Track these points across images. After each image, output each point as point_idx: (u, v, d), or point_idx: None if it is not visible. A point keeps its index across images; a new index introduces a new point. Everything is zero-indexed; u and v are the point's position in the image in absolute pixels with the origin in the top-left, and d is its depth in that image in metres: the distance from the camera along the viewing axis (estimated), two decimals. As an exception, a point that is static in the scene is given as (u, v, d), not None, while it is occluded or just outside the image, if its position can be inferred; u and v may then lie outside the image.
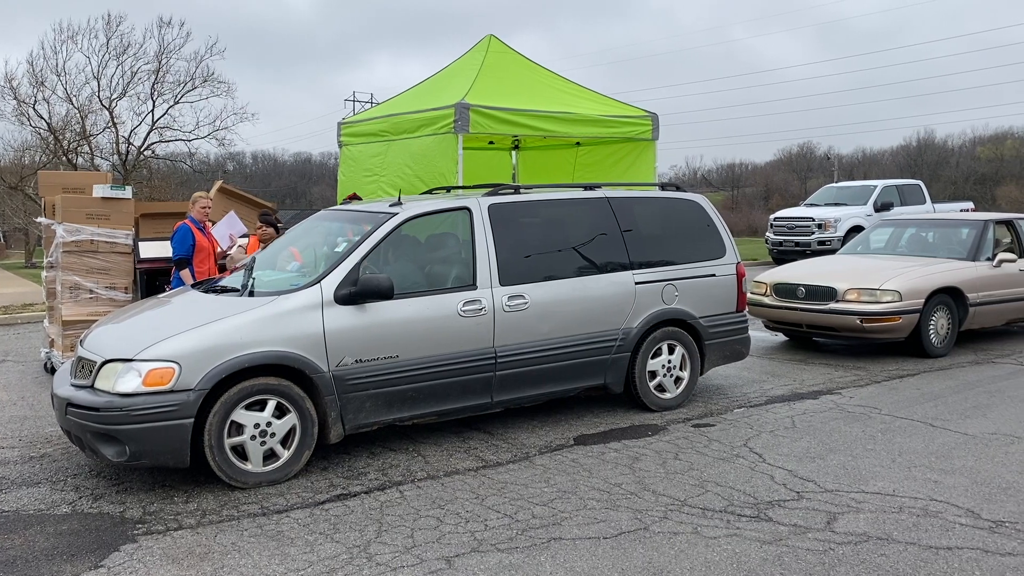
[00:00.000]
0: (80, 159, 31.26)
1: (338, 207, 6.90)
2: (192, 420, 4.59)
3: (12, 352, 9.83)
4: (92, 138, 31.51)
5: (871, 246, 10.40)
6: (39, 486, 4.94)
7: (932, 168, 65.13)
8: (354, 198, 8.78)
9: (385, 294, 5.11)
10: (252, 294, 5.27)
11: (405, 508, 4.47)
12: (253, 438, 4.78)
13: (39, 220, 9.35)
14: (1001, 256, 8.97)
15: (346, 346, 5.03)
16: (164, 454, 4.61)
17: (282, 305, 4.96)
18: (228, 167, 54.95)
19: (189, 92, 32.69)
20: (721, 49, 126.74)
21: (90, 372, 4.78)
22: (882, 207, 19.08)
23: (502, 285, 5.66)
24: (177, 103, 32.93)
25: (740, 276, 6.87)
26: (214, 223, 8.31)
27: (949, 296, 8.47)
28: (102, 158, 32.27)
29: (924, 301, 8.21)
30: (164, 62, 32.04)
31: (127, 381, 4.57)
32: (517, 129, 9.63)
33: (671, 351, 6.45)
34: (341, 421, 5.06)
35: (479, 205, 5.83)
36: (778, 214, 21.25)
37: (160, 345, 4.66)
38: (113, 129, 31.81)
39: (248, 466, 4.79)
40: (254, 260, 6.05)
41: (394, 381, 5.20)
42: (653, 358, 6.35)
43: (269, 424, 4.82)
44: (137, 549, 3.99)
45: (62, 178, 9.75)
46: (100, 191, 8.07)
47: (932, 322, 8.34)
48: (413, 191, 8.67)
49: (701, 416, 6.27)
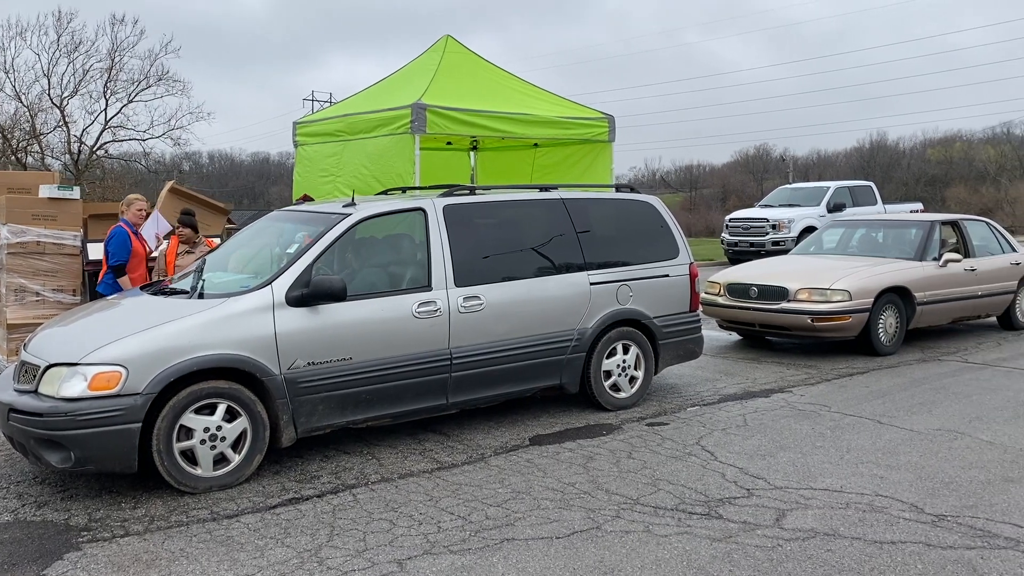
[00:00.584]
0: (30, 158, 30.57)
1: (290, 208, 6.83)
2: (140, 425, 4.51)
3: (-45, 356, 9.56)
4: (42, 137, 30.83)
5: (823, 246, 10.60)
6: (-20, 494, 4.82)
7: (884, 169, 66.47)
8: (306, 199, 8.70)
9: (338, 296, 5.07)
10: (202, 296, 5.19)
11: (358, 511, 4.44)
12: (203, 442, 4.71)
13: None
14: (947, 256, 9.18)
15: (298, 348, 4.98)
16: (111, 460, 4.52)
17: (232, 307, 4.89)
18: (184, 167, 54.13)
19: (143, 91, 32.18)
20: (676, 52, 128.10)
21: (33, 376, 4.67)
22: (835, 208, 19.44)
23: (457, 286, 5.65)
24: (131, 102, 32.41)
25: (693, 276, 6.94)
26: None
27: (897, 295, 8.65)
28: (53, 157, 31.61)
29: (873, 300, 8.37)
30: (117, 60, 31.53)
31: (72, 385, 4.47)
32: (475, 130, 9.64)
33: (626, 351, 6.50)
34: (293, 424, 5.01)
35: (434, 206, 5.81)
36: (733, 215, 21.54)
37: (107, 348, 4.57)
38: (64, 128, 31.18)
39: (198, 471, 4.72)
40: (204, 261, 5.97)
41: (347, 383, 5.16)
42: (608, 358, 6.39)
43: (219, 428, 4.75)
44: (81, 557, 3.91)
45: (9, 178, 9.51)
46: (46, 191, 7.88)
47: (881, 321, 8.50)
48: (369, 191, 8.62)
49: (655, 415, 6.32)
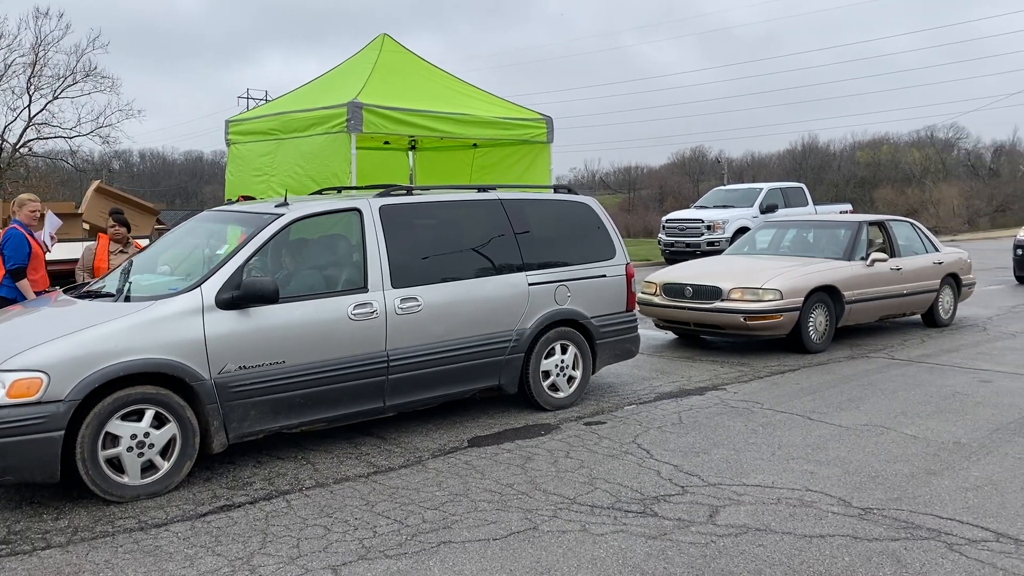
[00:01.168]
0: (-53, 156, 29.31)
1: (221, 208, 6.67)
2: (62, 433, 4.34)
3: None
4: (-41, 134, 29.58)
5: (756, 246, 10.83)
6: None
7: (816, 171, 68.29)
8: (247, 199, 8.51)
9: (270, 298, 4.97)
10: (128, 299, 5.04)
11: (291, 517, 4.36)
12: (130, 450, 4.57)
13: None
14: (874, 256, 9.45)
15: (229, 352, 4.87)
16: (32, 469, 4.34)
17: (160, 310, 4.76)
18: (113, 166, 52.55)
19: (70, 87, 31.12)
20: (614, 54, 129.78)
21: (-53, 384, 4.46)
22: (767, 209, 19.88)
23: (394, 287, 5.59)
24: (56, 98, 31.34)
25: (629, 277, 7.00)
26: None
27: (827, 294, 8.87)
28: (-29, 155, 30.35)
29: (804, 299, 8.57)
30: (41, 55, 30.44)
31: (-11, 393, 4.28)
32: (413, 130, 9.56)
33: (564, 351, 6.53)
34: (224, 430, 4.89)
35: (370, 206, 5.74)
36: (670, 216, 21.86)
37: (26, 354, 4.39)
38: (-17, 125, 29.95)
39: (125, 479, 4.57)
40: (131, 263, 5.79)
41: (280, 388, 5.06)
42: (547, 358, 6.41)
43: (147, 435, 4.61)
44: (0, 572, 3.76)
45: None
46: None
47: (811, 319, 8.72)
48: (304, 191, 8.49)
49: (593, 414, 6.37)
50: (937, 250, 10.53)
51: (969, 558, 3.74)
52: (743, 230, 18.44)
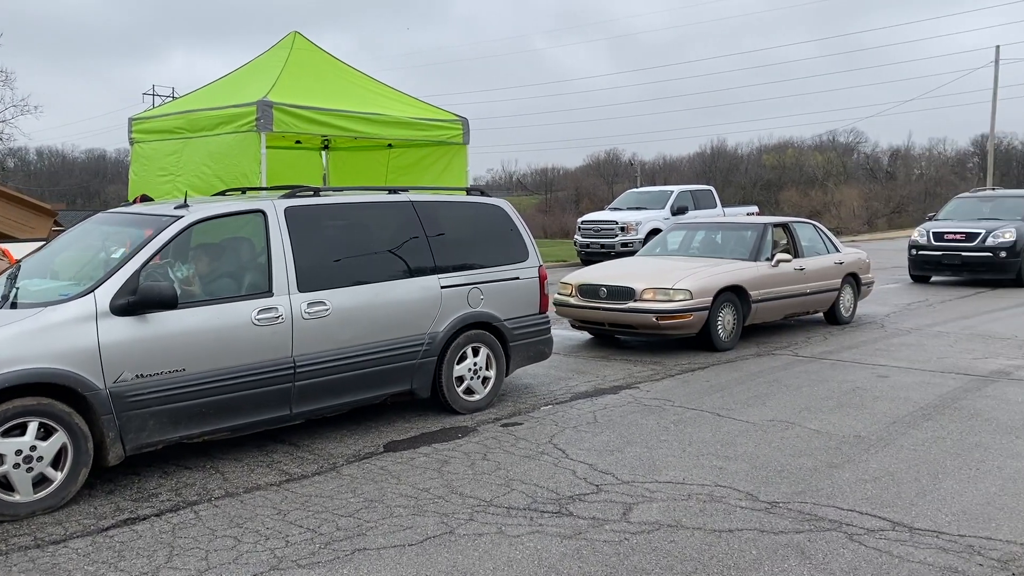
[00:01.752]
0: None
1: (118, 209, 6.40)
2: None
3: None
4: None
5: (667, 248, 11.03)
6: None
7: (724, 174, 70.28)
8: (145, 199, 8.21)
9: (168, 303, 4.77)
10: (15, 306, 4.77)
11: (200, 529, 4.22)
12: (17, 466, 4.32)
13: None
14: (779, 256, 9.77)
15: (125, 360, 4.66)
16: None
17: (49, 317, 4.51)
18: (8, 164, 49.95)
19: (-43, 80, 29.34)
20: (526, 57, 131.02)
21: None
22: (678, 211, 20.37)
23: (301, 291, 5.46)
24: (-58, 91, 29.48)
25: (542, 279, 7.04)
26: None
27: (734, 294, 9.14)
28: None
29: (712, 299, 8.80)
30: (-75, 45, 28.57)
31: None
32: (325, 129, 9.41)
33: (477, 353, 6.52)
34: (121, 441, 4.68)
35: (275, 208, 5.58)
36: (585, 217, 22.15)
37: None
38: None
39: (15, 497, 4.33)
40: (19, 267, 5.50)
41: (180, 396, 4.87)
42: (460, 362, 6.39)
43: (34, 448, 4.37)
44: None
45: None
46: None
47: (720, 318, 8.95)
48: (211, 192, 8.24)
49: (510, 415, 6.39)
50: (838, 250, 10.95)
51: (868, 547, 3.91)
52: (655, 231, 18.84)
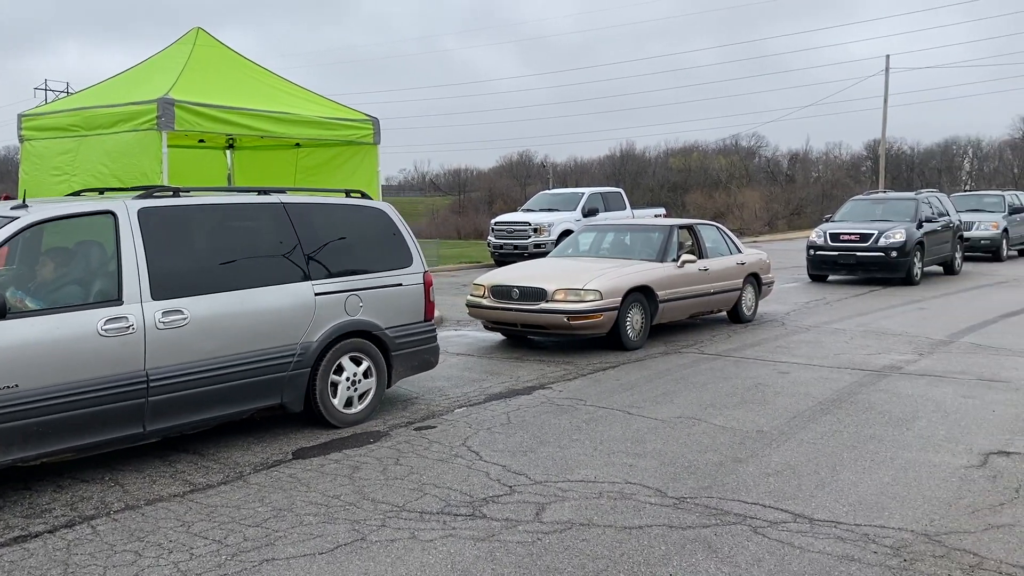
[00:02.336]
0: None
1: None
2: None
3: None
4: None
5: (578, 249, 11.17)
6: None
7: (633, 176, 71.71)
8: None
9: None
10: None
11: (98, 545, 4.04)
12: None
13: None
14: (684, 257, 10.02)
15: None
16: None
17: None
18: None
19: None
20: (437, 57, 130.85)
21: None
22: (589, 212, 20.68)
23: (155, 299, 5.08)
24: None
25: (427, 285, 6.81)
26: None
27: (642, 294, 9.33)
28: None
29: (621, 299, 8.96)
30: None
31: None
32: (230, 128, 9.16)
33: (356, 364, 6.24)
34: None
35: (126, 209, 5.17)
36: (499, 219, 22.24)
37: None
38: None
39: None
40: None
41: (13, 415, 4.45)
42: (337, 373, 6.11)
43: None
44: None
45: None
46: None
47: (629, 318, 9.13)
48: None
49: (423, 419, 6.35)
50: (740, 251, 11.32)
51: (771, 539, 4.04)
52: (567, 233, 19.04)
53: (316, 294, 5.96)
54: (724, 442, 5.67)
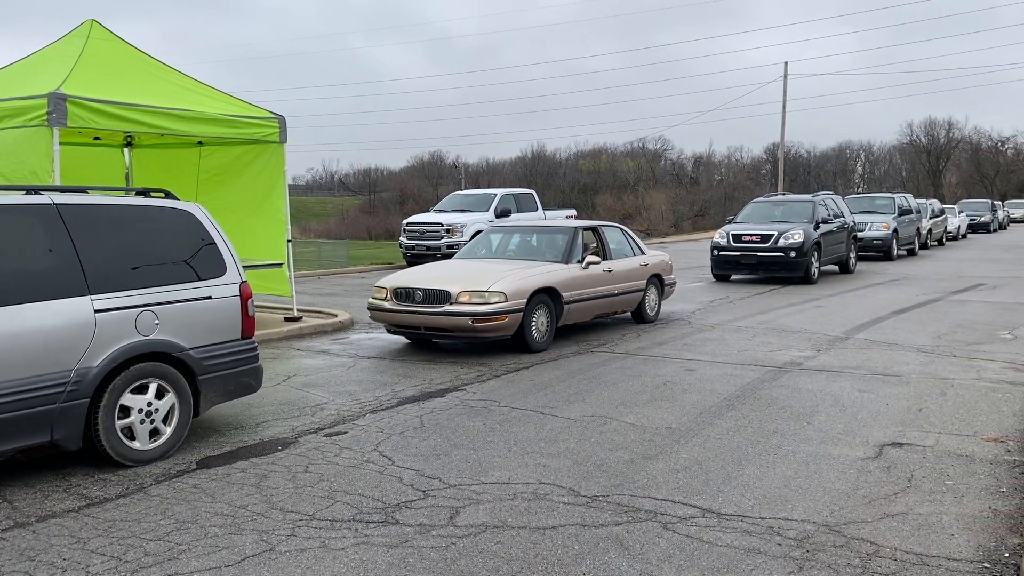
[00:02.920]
0: None
1: None
2: None
3: None
4: None
5: (484, 250, 11.08)
6: None
7: (544, 178, 72.36)
8: None
9: None
10: None
11: (-17, 567, 3.80)
12: None
13: None
14: (588, 259, 10.06)
15: None
16: None
17: None
18: None
19: None
20: (343, 55, 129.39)
21: None
22: (502, 213, 20.74)
23: None
24: None
25: (245, 298, 5.93)
26: None
27: (547, 296, 9.31)
28: None
29: (527, 301, 8.93)
30: None
31: None
32: (127, 125, 8.80)
33: (152, 392, 5.36)
34: None
35: None
36: (410, 219, 22.08)
37: None
38: None
39: None
40: None
41: None
42: (126, 402, 5.24)
43: None
44: None
45: None
46: None
47: (534, 320, 9.11)
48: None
49: (333, 424, 6.23)
50: (643, 253, 11.46)
51: (681, 535, 4.13)
52: (479, 234, 19.04)
53: (97, 311, 5.08)
54: (635, 440, 5.76)
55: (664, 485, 4.84)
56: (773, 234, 16.41)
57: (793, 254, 16.13)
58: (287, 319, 11.06)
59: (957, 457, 5.30)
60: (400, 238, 21.81)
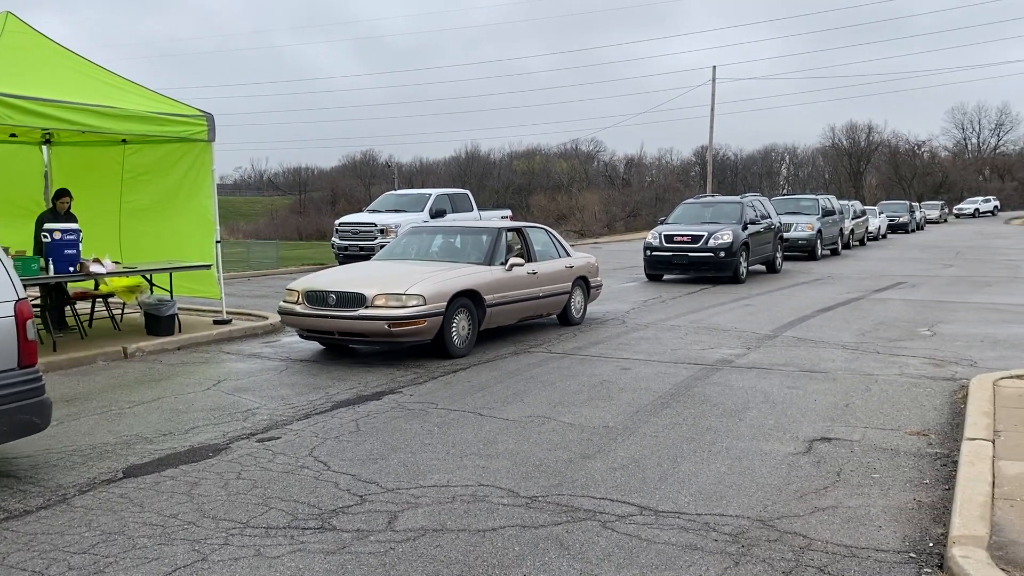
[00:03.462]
0: None
1: None
2: None
3: None
4: None
5: (404, 252, 10.57)
6: None
7: (479, 178, 72.36)
8: None
9: None
10: None
11: None
12: None
13: None
14: (512, 261, 9.79)
15: None
16: None
17: None
18: None
19: None
20: (271, 53, 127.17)
21: None
22: (437, 214, 20.61)
23: None
24: None
25: (22, 319, 4.89)
26: None
27: (469, 299, 8.99)
28: None
29: (447, 304, 8.59)
30: None
31: None
32: (45, 121, 8.46)
33: None
34: None
35: None
36: (343, 219, 21.78)
37: None
38: None
39: None
40: None
41: None
42: None
43: None
44: None
45: None
46: None
47: (455, 324, 8.77)
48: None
49: (266, 429, 6.09)
50: (568, 255, 11.24)
51: (619, 533, 4.16)
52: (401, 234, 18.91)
53: None
54: (573, 439, 5.78)
55: (602, 484, 4.87)
56: (703, 235, 16.72)
57: (723, 254, 16.47)
58: (216, 322, 10.79)
59: (883, 451, 5.48)
60: (333, 239, 21.49)
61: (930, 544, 3.99)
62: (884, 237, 36.52)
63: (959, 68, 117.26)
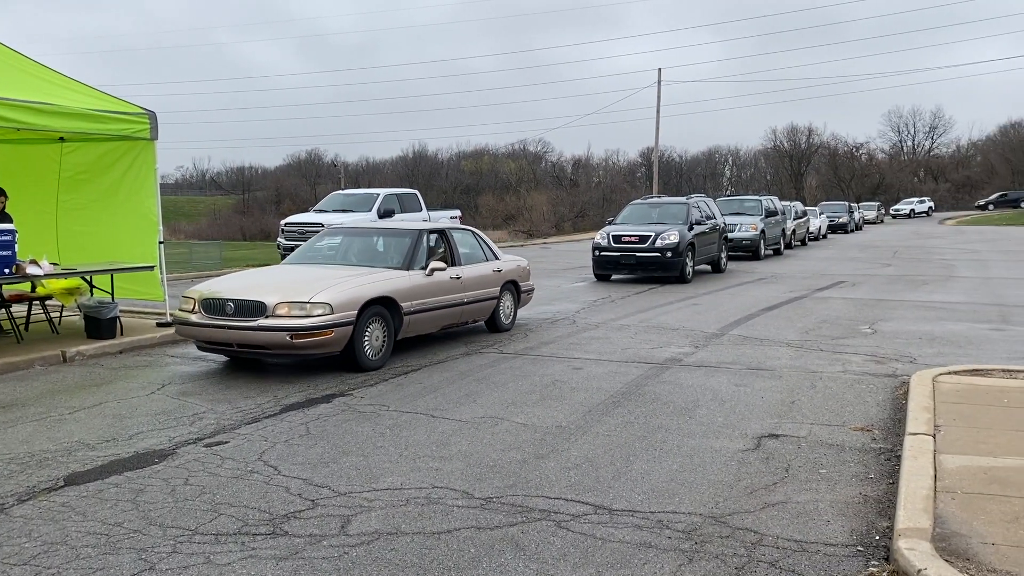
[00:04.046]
0: None
1: None
2: None
3: None
4: None
5: (317, 255, 9.89)
6: None
7: (427, 178, 72.10)
8: None
9: None
10: None
11: None
12: None
13: None
14: (433, 265, 9.15)
15: None
16: None
17: None
18: None
19: None
20: (212, 50, 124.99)
21: None
22: (385, 214, 20.46)
23: None
24: None
25: None
26: None
27: (384, 306, 8.35)
28: None
29: (358, 312, 7.94)
30: None
31: None
32: (-23, 118, 8.14)
33: None
34: None
35: None
36: (289, 219, 21.49)
37: None
38: None
39: None
40: None
41: None
42: None
43: None
44: None
45: None
46: None
47: (367, 334, 8.12)
48: None
49: (213, 433, 5.96)
50: (497, 258, 10.69)
51: (574, 532, 4.17)
52: (314, 236, 18.73)
53: None
54: (526, 439, 5.79)
55: (557, 483, 4.88)
56: (651, 235, 16.91)
57: (669, 254, 16.68)
58: (159, 324, 10.53)
59: (829, 447, 5.60)
60: (278, 239, 21.18)
61: (876, 537, 4.09)
62: (824, 237, 37.40)
63: (895, 72, 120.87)
